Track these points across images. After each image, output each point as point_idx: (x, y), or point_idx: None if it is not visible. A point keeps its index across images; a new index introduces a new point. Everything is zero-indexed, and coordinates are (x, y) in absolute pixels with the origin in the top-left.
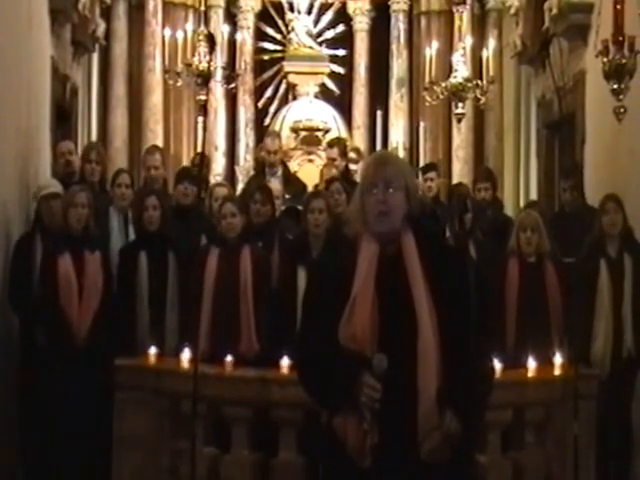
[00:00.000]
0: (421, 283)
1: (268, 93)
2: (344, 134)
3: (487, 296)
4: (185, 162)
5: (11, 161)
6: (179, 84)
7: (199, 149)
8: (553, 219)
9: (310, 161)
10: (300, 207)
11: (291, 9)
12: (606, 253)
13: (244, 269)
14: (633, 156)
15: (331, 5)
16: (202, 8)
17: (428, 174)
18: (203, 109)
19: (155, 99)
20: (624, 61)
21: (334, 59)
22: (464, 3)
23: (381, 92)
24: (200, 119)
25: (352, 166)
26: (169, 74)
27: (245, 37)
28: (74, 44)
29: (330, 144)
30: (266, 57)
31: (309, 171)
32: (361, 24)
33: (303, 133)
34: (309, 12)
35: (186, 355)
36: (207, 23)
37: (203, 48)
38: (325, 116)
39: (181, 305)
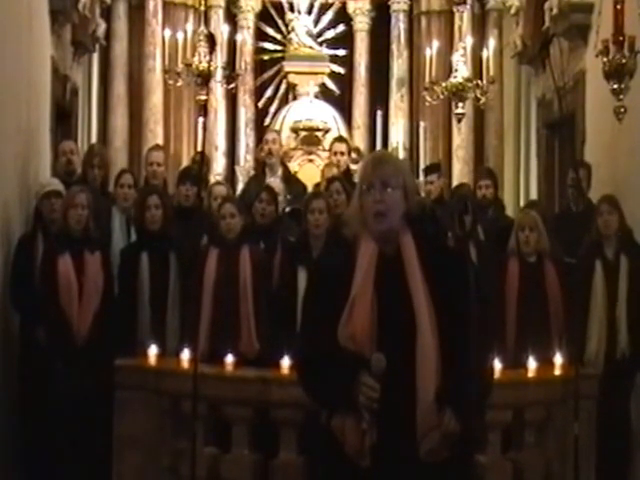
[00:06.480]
0: (420, 283)
1: (268, 93)
2: (344, 134)
3: (486, 296)
4: (185, 162)
5: (11, 161)
6: (179, 84)
7: (199, 149)
8: (557, 218)
9: (310, 161)
10: None
11: (291, 9)
12: (603, 254)
13: (243, 269)
14: (633, 156)
15: (331, 5)
16: (202, 8)
17: (429, 177)
18: (203, 109)
19: (155, 99)
20: (624, 61)
21: (334, 59)
22: (464, 3)
23: (381, 92)
24: (200, 119)
25: (352, 166)
26: (169, 74)
27: (245, 37)
28: (74, 44)
29: (338, 139)
30: (266, 57)
31: (309, 171)
32: (361, 24)
33: (303, 133)
34: (309, 12)
35: (186, 355)
36: (207, 23)
37: (203, 48)
38: (325, 116)
39: (182, 306)
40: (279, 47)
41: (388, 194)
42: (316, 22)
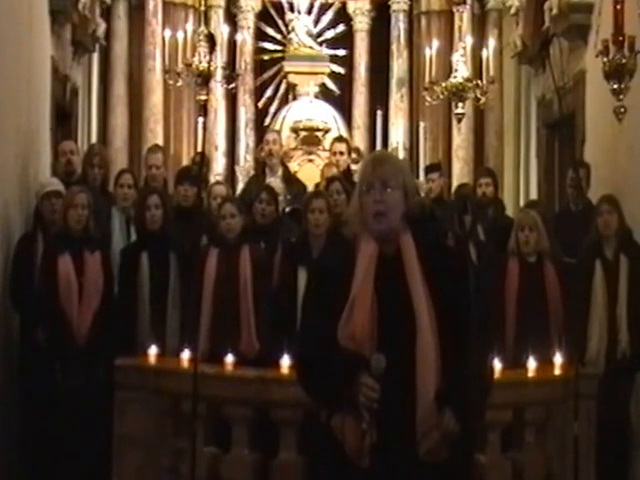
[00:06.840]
0: (420, 283)
1: (268, 93)
2: (344, 134)
3: (486, 296)
4: (185, 162)
5: (11, 161)
6: (179, 84)
7: (199, 149)
8: (557, 218)
9: (310, 161)
10: None
11: (291, 9)
12: (602, 254)
13: (243, 269)
14: (633, 155)
15: (331, 5)
16: (202, 8)
17: (430, 175)
18: (203, 109)
19: (155, 99)
20: (624, 61)
21: (334, 59)
22: (464, 3)
23: (381, 92)
24: (200, 119)
25: (352, 166)
26: (169, 74)
27: (245, 37)
28: (74, 44)
29: (338, 139)
30: (266, 57)
31: (309, 171)
32: (361, 24)
33: (303, 133)
34: (309, 12)
35: (186, 355)
36: (207, 23)
37: (203, 48)
38: (325, 116)
39: (182, 305)
40: (279, 47)
41: (388, 194)
42: (316, 22)
